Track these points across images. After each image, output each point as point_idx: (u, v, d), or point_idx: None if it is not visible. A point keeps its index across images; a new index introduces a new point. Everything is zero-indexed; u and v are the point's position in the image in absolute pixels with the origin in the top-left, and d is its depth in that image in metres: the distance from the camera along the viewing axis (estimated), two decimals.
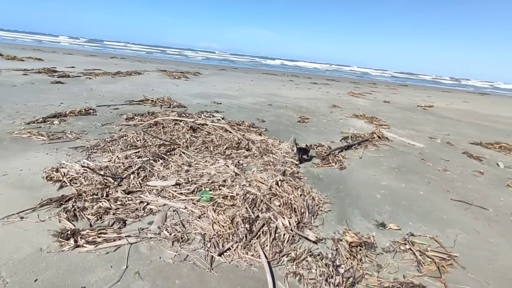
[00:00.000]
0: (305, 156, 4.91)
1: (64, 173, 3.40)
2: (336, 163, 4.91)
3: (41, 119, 5.61)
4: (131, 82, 12.16)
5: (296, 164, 4.62)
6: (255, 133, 6.13)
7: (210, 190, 3.31)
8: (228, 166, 3.98)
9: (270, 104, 10.22)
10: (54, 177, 3.35)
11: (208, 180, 3.50)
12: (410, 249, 2.71)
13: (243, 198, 3.06)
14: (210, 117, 7.16)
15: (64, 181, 3.27)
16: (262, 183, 3.42)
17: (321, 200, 3.52)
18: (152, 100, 8.28)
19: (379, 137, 6.82)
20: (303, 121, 8.06)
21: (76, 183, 3.29)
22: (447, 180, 4.67)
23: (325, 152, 5.25)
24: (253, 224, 2.71)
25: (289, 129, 7.05)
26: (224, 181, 3.46)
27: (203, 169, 3.90)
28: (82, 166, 3.36)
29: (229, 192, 3.23)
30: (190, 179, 3.53)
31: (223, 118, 7.23)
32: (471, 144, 7.25)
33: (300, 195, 3.42)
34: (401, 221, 3.27)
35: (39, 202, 2.84)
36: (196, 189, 3.31)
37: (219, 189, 3.34)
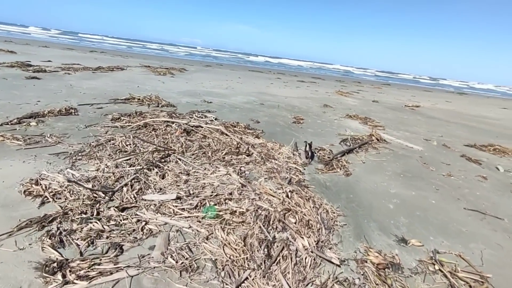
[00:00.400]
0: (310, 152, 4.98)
1: (46, 186, 2.95)
2: (340, 169, 4.68)
3: (15, 120, 5.03)
4: (113, 78, 11.47)
5: (301, 171, 4.35)
6: (252, 136, 5.81)
7: (215, 205, 2.97)
8: (230, 175, 3.64)
9: (262, 104, 9.91)
10: (33, 191, 2.89)
11: (212, 192, 3.15)
12: (440, 270, 2.49)
13: (255, 215, 2.74)
14: (202, 118, 6.77)
15: (46, 196, 2.83)
16: (273, 196, 3.11)
17: (334, 213, 3.26)
18: (139, 99, 7.76)
19: (377, 139, 6.68)
20: (298, 122, 7.81)
21: (60, 199, 2.85)
22: (454, 186, 4.55)
23: (328, 157, 5.00)
24: (271, 247, 2.41)
25: (286, 131, 6.78)
26: (230, 193, 3.13)
27: (204, 179, 3.54)
28: (69, 181, 2.91)
29: (237, 207, 2.90)
30: (191, 192, 3.17)
31: (216, 119, 6.85)
32: (465, 146, 7.25)
33: (313, 207, 3.15)
34: (421, 235, 3.07)
35: (17, 224, 2.40)
36: (199, 203, 2.96)
37: (225, 203, 3.00)
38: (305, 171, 4.45)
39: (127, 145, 4.39)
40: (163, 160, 3.97)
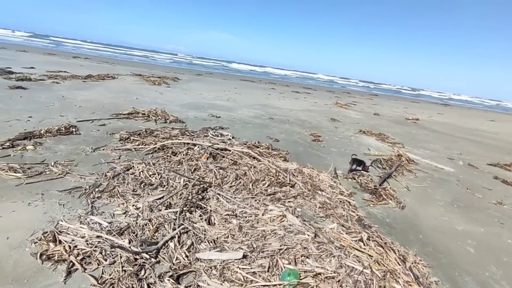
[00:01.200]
0: (358, 168, 5.14)
1: (70, 247, 2.22)
2: (391, 199, 4.19)
3: (7, 143, 4.20)
4: (107, 88, 10.58)
5: (354, 205, 3.81)
6: (280, 158, 5.25)
7: (289, 263, 2.35)
8: (286, 217, 3.04)
9: (271, 118, 9.37)
10: (53, 254, 2.17)
11: (281, 246, 2.53)
12: None
13: (352, 282, 2.15)
14: (218, 136, 6.14)
15: (71, 262, 2.11)
16: (360, 250, 2.53)
17: (417, 263, 2.73)
18: (144, 113, 7.01)
19: (407, 160, 6.28)
20: (316, 139, 7.31)
21: (91, 264, 2.14)
22: None
23: (374, 187, 4.50)
24: None
25: (309, 151, 6.25)
26: (305, 248, 2.52)
27: (258, 222, 2.92)
28: (112, 247, 2.19)
29: (319, 267, 2.30)
30: (254, 245, 2.53)
31: (233, 137, 6.24)
32: (490, 166, 7.01)
33: (398, 259, 2.59)
34: None
35: None
36: (270, 263, 2.33)
37: (302, 262, 2.39)
38: (357, 204, 3.92)
39: (151, 176, 3.69)
40: (201, 197, 3.30)
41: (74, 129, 5.24)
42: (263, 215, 3.08)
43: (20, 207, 2.77)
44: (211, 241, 2.54)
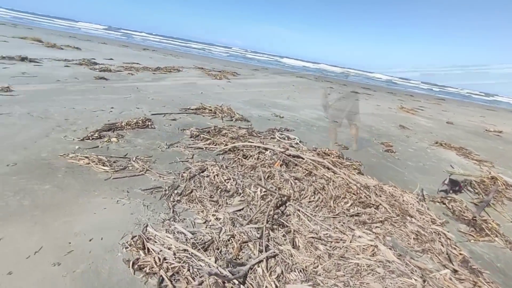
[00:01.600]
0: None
1: (159, 258, 2.15)
2: (497, 236, 3.53)
3: (96, 133, 4.45)
4: (174, 81, 11.00)
5: (451, 239, 3.26)
6: (353, 169, 4.81)
7: None
8: (378, 249, 2.66)
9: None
10: (144, 265, 2.11)
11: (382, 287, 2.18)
12: None
13: None
14: (285, 139, 5.90)
15: (161, 277, 2.02)
16: None
17: None
18: (211, 110, 7.05)
19: (503, 185, 5.36)
20: (389, 150, 6.65)
21: (179, 281, 2.04)
22: None
23: (473, 217, 3.84)
24: None
25: (383, 163, 5.68)
26: None
27: (346, 251, 2.59)
28: (210, 274, 2.05)
29: None
30: (350, 283, 2.22)
31: (300, 141, 5.95)
32: None
33: None
34: None
35: None
36: None
37: None
38: (453, 236, 3.36)
39: (225, 181, 3.57)
40: (281, 212, 3.08)
41: (149, 123, 5.40)
42: (350, 242, 2.75)
43: (110, 204, 2.82)
44: (300, 270, 2.29)
